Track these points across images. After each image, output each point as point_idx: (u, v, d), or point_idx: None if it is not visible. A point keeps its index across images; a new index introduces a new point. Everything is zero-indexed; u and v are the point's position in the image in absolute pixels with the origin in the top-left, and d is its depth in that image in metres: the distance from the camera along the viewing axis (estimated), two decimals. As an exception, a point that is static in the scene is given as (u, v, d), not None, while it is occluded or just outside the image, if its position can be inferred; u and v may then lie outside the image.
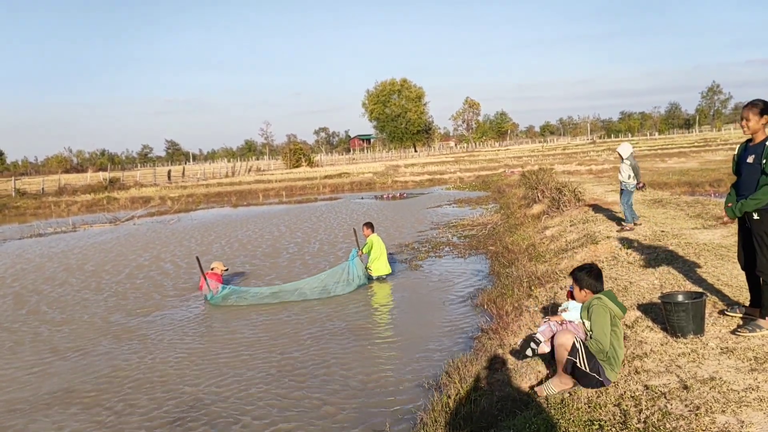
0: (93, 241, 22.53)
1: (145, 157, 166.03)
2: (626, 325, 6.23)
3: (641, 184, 11.59)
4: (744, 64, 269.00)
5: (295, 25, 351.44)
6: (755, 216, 5.50)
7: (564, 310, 5.55)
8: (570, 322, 5.40)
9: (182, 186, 51.81)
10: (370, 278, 12.93)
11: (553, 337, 5.21)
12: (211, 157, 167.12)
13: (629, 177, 11.46)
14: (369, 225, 13.65)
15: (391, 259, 13.75)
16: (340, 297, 11.76)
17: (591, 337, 4.99)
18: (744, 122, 5.63)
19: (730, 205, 5.76)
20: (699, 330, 5.61)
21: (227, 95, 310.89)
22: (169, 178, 60.42)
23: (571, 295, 5.38)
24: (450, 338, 8.66)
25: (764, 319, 5.50)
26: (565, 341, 4.94)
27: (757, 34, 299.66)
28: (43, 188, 51.83)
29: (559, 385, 5.08)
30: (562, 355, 4.96)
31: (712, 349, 5.22)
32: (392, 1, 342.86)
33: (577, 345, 4.91)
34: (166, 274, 15.23)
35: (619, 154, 11.59)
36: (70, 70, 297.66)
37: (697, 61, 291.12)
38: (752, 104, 5.56)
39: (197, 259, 12.73)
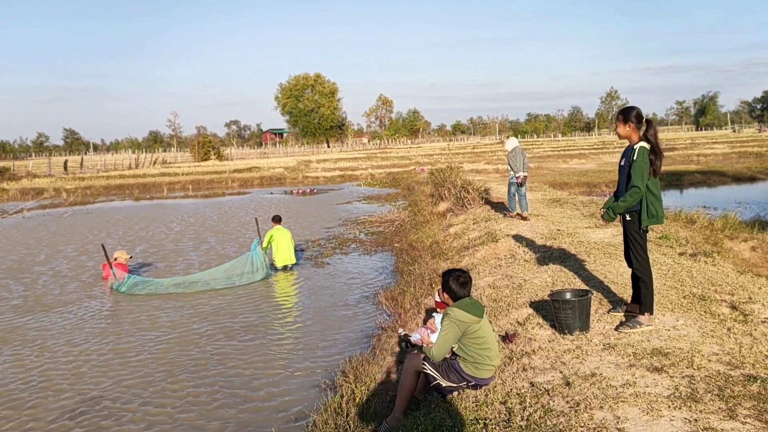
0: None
1: (41, 146, 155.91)
2: (518, 322, 6.36)
3: (519, 178, 12.69)
4: (640, 72, 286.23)
5: (205, 14, 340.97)
6: (627, 217, 5.78)
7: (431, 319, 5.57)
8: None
9: (80, 177, 48.99)
10: (274, 268, 13.03)
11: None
12: (114, 147, 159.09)
13: (509, 169, 12.94)
14: (275, 218, 13.77)
15: (298, 256, 13.74)
16: (241, 292, 11.53)
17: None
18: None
19: (603, 211, 6.00)
20: (585, 327, 5.79)
21: (130, 84, 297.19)
22: (65, 168, 56.99)
23: (438, 304, 5.37)
24: (350, 336, 8.57)
25: (644, 315, 5.75)
26: (416, 366, 4.94)
27: (652, 44, 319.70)
28: None
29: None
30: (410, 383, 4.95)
31: (596, 345, 5.39)
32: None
33: (428, 369, 4.90)
34: (59, 270, 14.25)
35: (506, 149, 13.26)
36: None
37: (596, 68, 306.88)
38: (618, 113, 5.91)
39: (102, 246, 12.51)
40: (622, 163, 5.93)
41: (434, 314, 5.38)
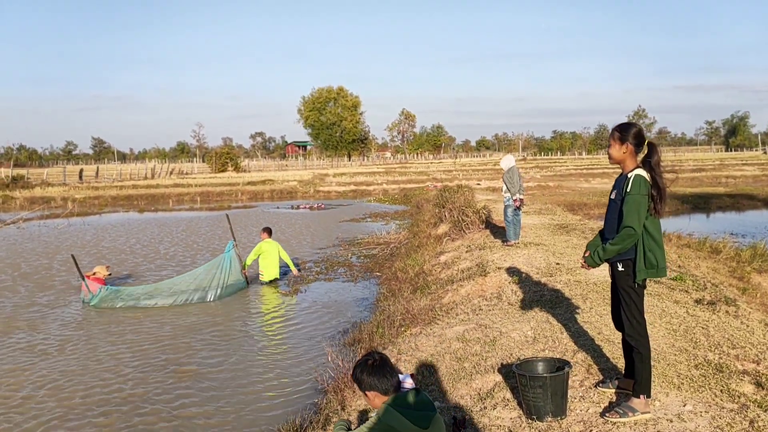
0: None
1: (69, 154, 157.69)
2: (479, 395, 4.99)
3: (517, 201, 11.45)
4: (670, 90, 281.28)
5: (231, 26, 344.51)
6: (619, 267, 4.38)
7: None
8: None
9: (93, 187, 48.47)
10: (260, 282, 12.97)
11: None
12: (143, 157, 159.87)
13: (504, 191, 11.63)
14: (265, 230, 13.65)
15: (282, 273, 13.54)
16: (197, 315, 10.77)
17: None
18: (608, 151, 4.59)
19: (588, 254, 4.61)
20: (559, 411, 4.41)
21: (159, 94, 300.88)
22: (80, 177, 56.72)
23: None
24: (299, 389, 7.26)
25: (638, 398, 4.35)
26: None
27: (683, 62, 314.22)
28: (-66, 184, 47.40)
29: None
30: None
31: (569, 442, 4.01)
32: (332, 7, 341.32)
33: None
34: (25, 286, 13.17)
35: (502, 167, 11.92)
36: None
37: (626, 86, 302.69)
38: (613, 129, 4.49)
39: (72, 257, 12.11)
40: (613, 196, 4.57)
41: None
